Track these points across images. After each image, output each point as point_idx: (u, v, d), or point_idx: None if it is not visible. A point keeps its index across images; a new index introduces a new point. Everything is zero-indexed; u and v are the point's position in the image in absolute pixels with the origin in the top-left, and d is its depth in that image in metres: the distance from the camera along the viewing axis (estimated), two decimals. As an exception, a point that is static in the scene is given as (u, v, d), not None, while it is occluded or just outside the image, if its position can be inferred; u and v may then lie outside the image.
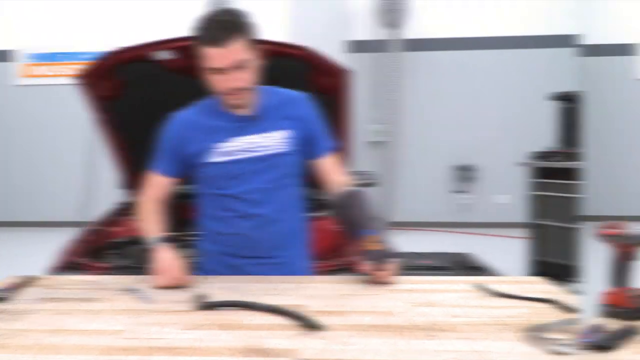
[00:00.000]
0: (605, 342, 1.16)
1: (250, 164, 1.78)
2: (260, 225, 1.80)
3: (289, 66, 2.72)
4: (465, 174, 7.98)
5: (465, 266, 5.15)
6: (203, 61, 1.65)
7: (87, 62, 3.00)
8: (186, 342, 1.20)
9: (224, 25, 1.59)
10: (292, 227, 1.90)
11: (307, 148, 1.87)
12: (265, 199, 1.80)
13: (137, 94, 3.05)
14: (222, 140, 1.79)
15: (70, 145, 8.29)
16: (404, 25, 7.34)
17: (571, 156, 4.07)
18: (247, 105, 1.78)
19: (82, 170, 8.12)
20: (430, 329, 1.26)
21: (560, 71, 7.80)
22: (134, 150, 3.40)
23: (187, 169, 1.87)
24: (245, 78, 1.67)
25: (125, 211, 3.57)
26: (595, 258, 1.62)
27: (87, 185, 2.96)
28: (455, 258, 5.48)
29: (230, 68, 1.62)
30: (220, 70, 1.62)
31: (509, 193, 7.89)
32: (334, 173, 1.90)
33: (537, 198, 4.30)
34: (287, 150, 1.81)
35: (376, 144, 7.89)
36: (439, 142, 8.05)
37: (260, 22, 1.85)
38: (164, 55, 2.75)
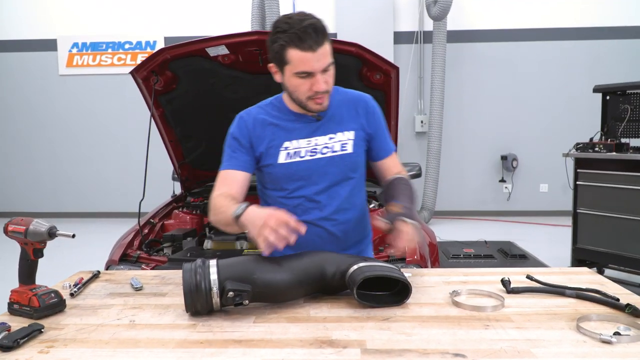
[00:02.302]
0: (8, 342, 1.18)
1: (316, 166, 1.79)
2: (324, 225, 1.80)
3: (342, 62, 2.80)
4: (508, 164, 7.97)
5: (508, 254, 5.18)
6: (291, 65, 1.63)
7: (132, 52, 3.02)
8: (258, 334, 1.25)
9: (317, 29, 1.57)
10: (356, 225, 1.89)
11: (370, 148, 1.89)
12: (329, 200, 1.80)
13: (189, 88, 3.10)
14: (288, 141, 1.79)
15: (117, 135, 8.48)
16: (448, 17, 7.33)
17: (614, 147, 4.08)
18: (326, 107, 1.76)
19: (130, 161, 8.38)
20: (486, 319, 1.31)
21: (604, 63, 7.72)
22: (187, 143, 3.50)
23: (255, 167, 1.85)
24: (329, 81, 1.68)
25: (179, 204, 3.68)
26: None
27: (139, 177, 2.98)
28: (498, 246, 5.51)
29: (320, 71, 1.63)
30: (310, 74, 1.63)
31: (550, 182, 7.88)
32: (393, 171, 1.90)
33: (581, 188, 4.31)
34: (351, 151, 1.81)
35: (421, 134, 7.95)
36: (482, 132, 8.08)
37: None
38: (216, 51, 2.80)
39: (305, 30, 1.56)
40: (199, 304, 1.36)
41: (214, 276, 1.36)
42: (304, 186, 1.81)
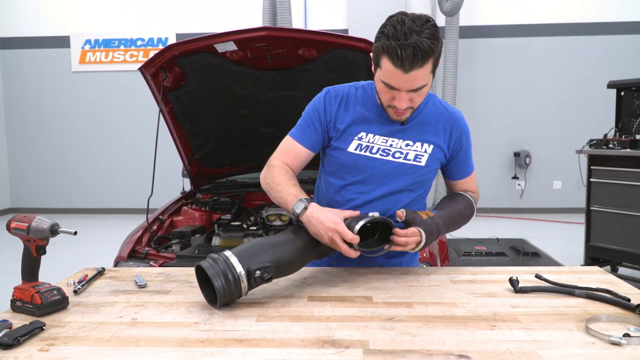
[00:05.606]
0: (8, 340, 1.16)
1: (383, 167, 1.72)
2: None
3: (351, 58, 2.77)
4: (520, 161, 7.91)
5: (521, 252, 5.13)
6: (381, 70, 1.55)
7: (144, 49, 3.04)
8: (259, 333, 1.23)
9: (417, 51, 1.44)
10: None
11: (447, 167, 1.83)
12: (382, 205, 1.74)
13: (198, 84, 3.10)
14: (365, 132, 1.73)
15: (129, 131, 8.55)
16: (460, 12, 7.29)
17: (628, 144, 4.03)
18: (405, 119, 1.71)
19: (141, 158, 8.42)
20: (492, 320, 1.29)
21: (619, 58, 7.62)
22: (196, 139, 3.50)
23: (323, 146, 1.80)
24: (417, 100, 1.60)
25: (188, 200, 3.68)
26: None
27: (150, 174, 2.99)
28: (510, 244, 5.46)
29: (406, 91, 1.55)
30: (394, 89, 1.55)
31: (564, 179, 7.80)
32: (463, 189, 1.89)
33: (594, 185, 4.26)
34: (423, 165, 1.73)
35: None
36: (494, 129, 8.04)
37: (319, 9, 1.81)
38: (225, 47, 2.80)
39: (405, 48, 1.44)
40: (234, 295, 1.39)
41: (237, 265, 1.39)
42: (363, 183, 1.74)
